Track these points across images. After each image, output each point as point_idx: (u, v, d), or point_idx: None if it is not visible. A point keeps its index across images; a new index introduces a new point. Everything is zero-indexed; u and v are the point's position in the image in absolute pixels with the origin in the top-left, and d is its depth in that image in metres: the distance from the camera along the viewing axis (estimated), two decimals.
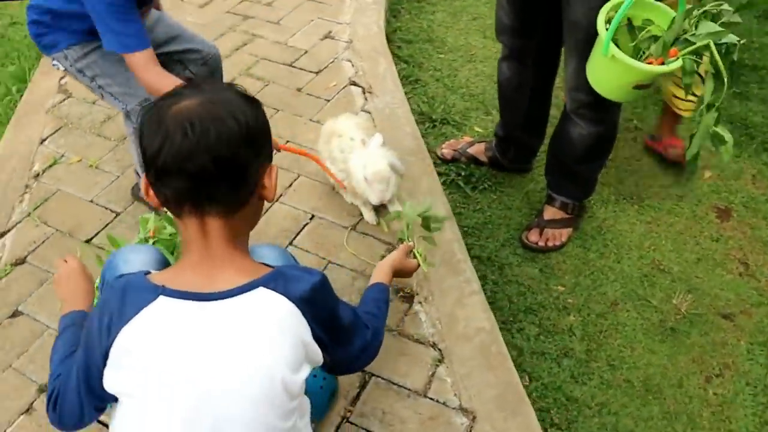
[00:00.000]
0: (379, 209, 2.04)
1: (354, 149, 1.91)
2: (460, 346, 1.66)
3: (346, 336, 1.21)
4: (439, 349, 1.66)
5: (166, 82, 1.64)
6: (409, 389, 1.58)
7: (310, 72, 2.68)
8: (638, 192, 2.49)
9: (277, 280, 1.02)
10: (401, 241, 1.74)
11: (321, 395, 1.49)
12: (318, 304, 1.06)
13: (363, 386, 1.58)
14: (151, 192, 1.02)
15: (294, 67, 2.72)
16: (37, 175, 2.16)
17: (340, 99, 2.54)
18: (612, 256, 2.24)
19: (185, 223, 1.01)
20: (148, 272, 1.04)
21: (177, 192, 0.97)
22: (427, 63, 3.18)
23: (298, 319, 1.01)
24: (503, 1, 2.05)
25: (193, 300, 0.97)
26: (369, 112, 2.45)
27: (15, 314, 1.74)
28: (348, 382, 1.58)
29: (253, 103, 1.03)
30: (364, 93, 2.55)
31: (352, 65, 2.71)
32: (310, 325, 1.04)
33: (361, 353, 1.27)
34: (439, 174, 2.49)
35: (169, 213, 1.10)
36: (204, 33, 2.91)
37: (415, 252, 1.69)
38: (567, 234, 2.28)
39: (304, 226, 2.02)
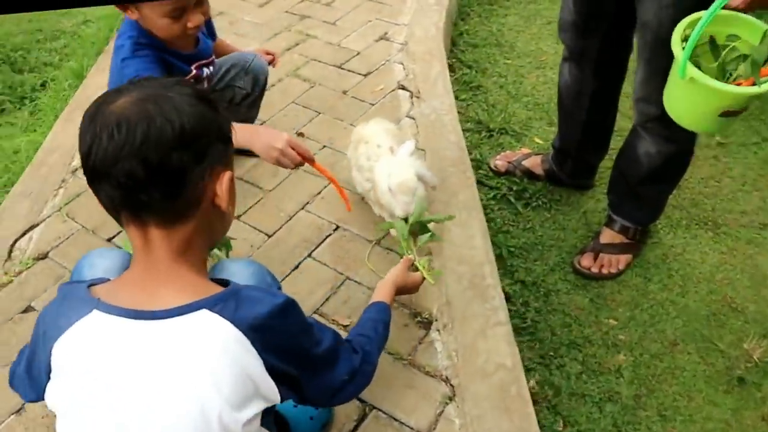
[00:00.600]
0: None
1: (381, 157, 1.77)
2: (476, 383, 1.47)
3: (325, 364, 1.07)
4: (452, 385, 1.48)
5: None
6: (411, 428, 1.41)
7: (359, 74, 2.56)
8: (714, 217, 2.19)
9: (226, 301, 0.90)
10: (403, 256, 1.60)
11: (311, 426, 1.35)
12: (276, 332, 0.93)
13: (361, 419, 1.43)
14: None
15: (343, 68, 2.61)
16: (75, 170, 2.15)
17: (386, 103, 2.40)
18: (676, 288, 1.97)
19: (128, 231, 0.92)
20: (94, 282, 0.96)
21: (109, 198, 0.88)
22: (492, 68, 2.99)
23: (245, 348, 0.88)
24: None
25: (127, 317, 0.87)
26: (413, 118, 2.30)
27: (27, 310, 1.71)
28: (344, 413, 1.43)
29: (200, 102, 0.90)
30: (411, 97, 2.39)
31: (404, 68, 2.56)
32: (261, 356, 0.90)
33: (347, 382, 1.12)
34: (490, 188, 2.31)
35: None
36: (259, 32, 2.88)
37: (417, 264, 1.54)
38: (625, 261, 2.03)
39: (327, 237, 1.89)
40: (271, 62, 2.19)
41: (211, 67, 1.96)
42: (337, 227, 1.92)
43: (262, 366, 0.91)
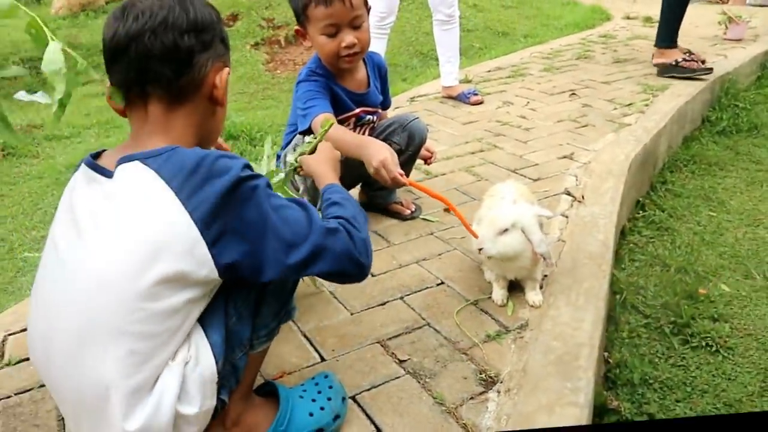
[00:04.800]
0: (515, 293, 1.68)
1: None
2: None
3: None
4: None
5: (341, 133, 1.78)
6: None
7: (528, 178, 2.48)
8: None
9: (160, 155, 0.95)
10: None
11: (305, 422, 1.17)
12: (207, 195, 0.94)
13: None
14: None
15: (515, 172, 2.55)
16: None
17: (543, 202, 2.26)
18: None
19: (130, 113, 1.04)
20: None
21: (124, 74, 1.00)
22: (691, 217, 2.68)
23: (166, 196, 0.92)
24: None
25: (91, 169, 1.00)
26: (566, 216, 2.11)
27: None
28: (349, 431, 1.22)
29: (212, 8, 1.07)
30: (573, 201, 2.23)
31: (576, 179, 2.42)
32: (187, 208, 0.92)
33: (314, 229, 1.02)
34: (645, 315, 1.99)
35: None
36: (452, 140, 2.99)
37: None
38: None
39: (426, 288, 1.75)
40: (427, 159, 2.24)
41: (375, 116, 2.09)
42: (442, 282, 1.77)
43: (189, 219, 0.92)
